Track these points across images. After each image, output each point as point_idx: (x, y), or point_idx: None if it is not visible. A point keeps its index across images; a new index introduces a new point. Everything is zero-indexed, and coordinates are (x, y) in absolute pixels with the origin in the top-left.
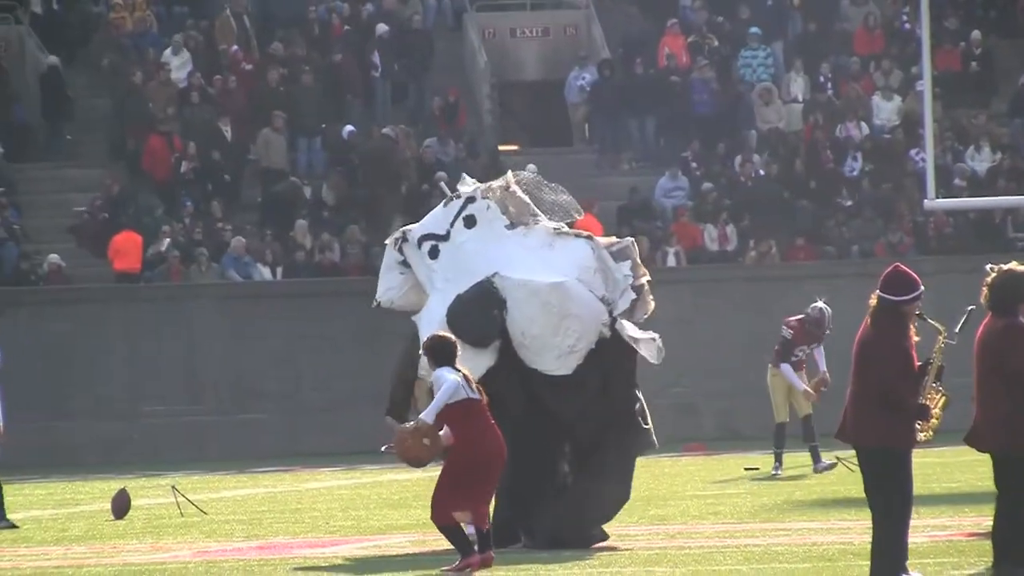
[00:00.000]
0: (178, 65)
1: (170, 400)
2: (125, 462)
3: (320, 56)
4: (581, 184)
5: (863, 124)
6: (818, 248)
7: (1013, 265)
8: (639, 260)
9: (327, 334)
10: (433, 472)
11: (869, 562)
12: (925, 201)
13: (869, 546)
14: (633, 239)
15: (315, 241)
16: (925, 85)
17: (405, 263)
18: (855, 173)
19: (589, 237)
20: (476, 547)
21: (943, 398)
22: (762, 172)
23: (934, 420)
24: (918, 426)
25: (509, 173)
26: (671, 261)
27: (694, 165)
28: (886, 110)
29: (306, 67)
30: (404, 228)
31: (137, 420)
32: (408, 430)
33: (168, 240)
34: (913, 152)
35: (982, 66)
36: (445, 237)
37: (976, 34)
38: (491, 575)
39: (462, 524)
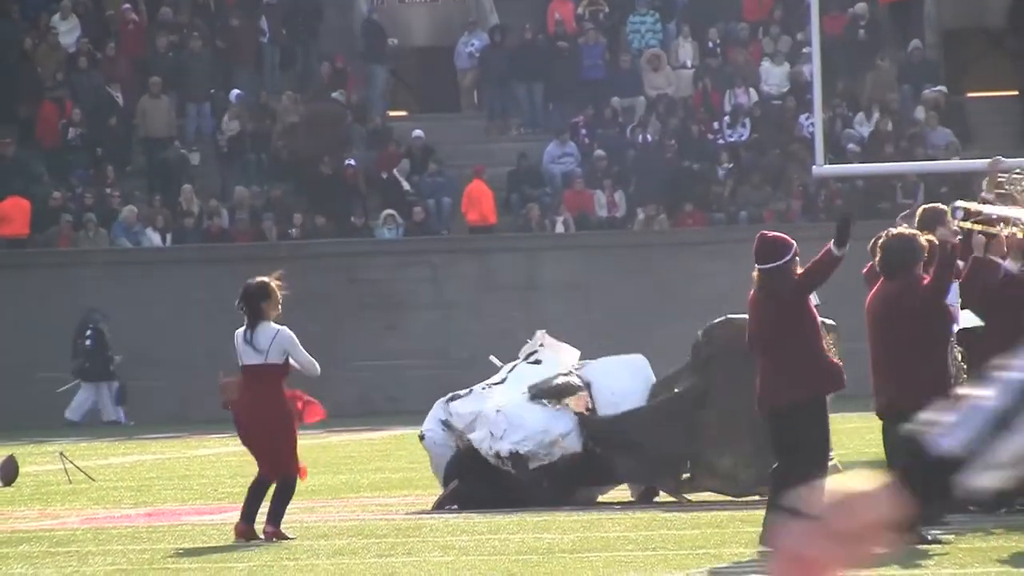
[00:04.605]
0: (66, 30)
1: (60, 367)
2: (13, 428)
3: (206, 22)
4: (470, 150)
5: (752, 90)
6: (707, 214)
7: (902, 229)
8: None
9: (217, 299)
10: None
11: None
12: (814, 167)
13: (766, 511)
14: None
15: (203, 207)
16: (814, 51)
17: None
18: (744, 139)
19: None
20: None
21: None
22: (650, 138)
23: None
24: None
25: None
26: (560, 228)
27: (583, 132)
28: (775, 76)
29: (195, 33)
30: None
31: (26, 387)
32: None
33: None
34: (802, 118)
35: (870, 32)
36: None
37: (862, 6)
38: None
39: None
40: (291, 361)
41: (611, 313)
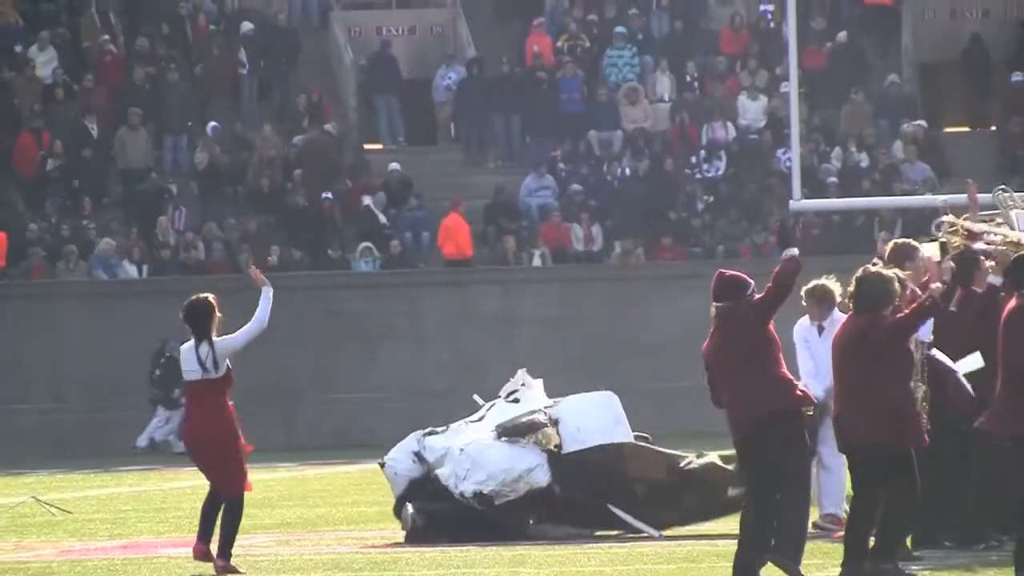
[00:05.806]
0: (43, 62)
1: (34, 399)
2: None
3: (182, 55)
4: (447, 183)
5: (729, 124)
6: (684, 248)
7: (879, 267)
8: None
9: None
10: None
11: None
12: (791, 202)
13: (737, 546)
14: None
15: (179, 238)
16: (791, 85)
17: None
18: (720, 173)
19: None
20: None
21: None
22: (628, 172)
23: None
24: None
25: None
26: (536, 261)
27: (561, 165)
28: (752, 110)
29: (172, 65)
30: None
31: (12, 417)
32: None
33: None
34: (779, 152)
35: (849, 66)
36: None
37: (843, 35)
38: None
39: None
40: (238, 344)
41: (587, 346)
